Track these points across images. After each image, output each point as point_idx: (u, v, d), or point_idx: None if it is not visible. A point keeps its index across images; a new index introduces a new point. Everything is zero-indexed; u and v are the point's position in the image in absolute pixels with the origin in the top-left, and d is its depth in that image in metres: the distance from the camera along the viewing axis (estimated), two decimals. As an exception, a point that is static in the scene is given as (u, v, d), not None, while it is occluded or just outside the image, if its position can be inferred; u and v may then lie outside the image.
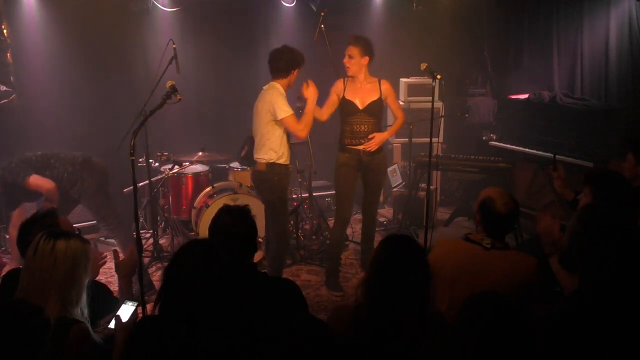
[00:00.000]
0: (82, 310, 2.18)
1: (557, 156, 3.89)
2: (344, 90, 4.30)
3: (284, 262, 4.48)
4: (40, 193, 4.23)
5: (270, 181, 4.09)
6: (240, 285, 2.25)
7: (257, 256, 4.80)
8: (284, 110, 3.92)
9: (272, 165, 4.07)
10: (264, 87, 4.12)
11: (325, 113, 4.33)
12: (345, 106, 4.30)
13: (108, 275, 4.80)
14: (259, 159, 4.11)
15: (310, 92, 4.08)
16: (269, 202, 4.19)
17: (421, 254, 2.14)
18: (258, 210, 4.73)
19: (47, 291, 2.08)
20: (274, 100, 3.94)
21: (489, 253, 2.47)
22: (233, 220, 2.30)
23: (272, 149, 4.04)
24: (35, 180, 4.16)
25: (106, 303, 2.48)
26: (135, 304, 2.33)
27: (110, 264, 4.94)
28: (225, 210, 2.35)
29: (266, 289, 2.29)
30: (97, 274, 2.68)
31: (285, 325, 1.68)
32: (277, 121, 3.98)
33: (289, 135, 4.15)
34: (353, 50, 4.20)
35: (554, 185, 3.70)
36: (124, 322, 2.21)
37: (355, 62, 4.21)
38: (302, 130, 4.00)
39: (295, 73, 4.10)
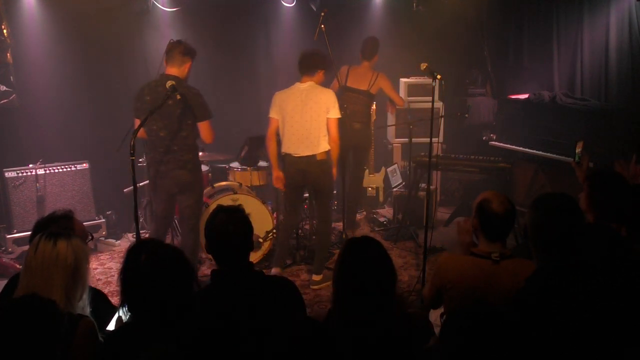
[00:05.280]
0: (84, 309, 2.20)
1: (557, 155, 3.86)
2: None
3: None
4: None
5: (330, 167, 4.48)
6: (236, 285, 2.26)
7: (256, 256, 4.82)
8: (337, 112, 4.35)
9: (328, 154, 4.41)
10: (305, 85, 4.32)
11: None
12: None
13: (108, 275, 4.82)
14: (317, 150, 4.33)
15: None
16: (328, 187, 4.55)
17: (384, 253, 2.13)
18: (255, 209, 4.76)
19: (50, 289, 2.07)
20: (333, 100, 4.32)
21: (498, 266, 2.44)
22: (228, 220, 2.29)
23: (326, 139, 4.37)
24: None
25: (104, 307, 2.50)
26: None
27: (110, 264, 5.03)
28: (219, 210, 2.34)
29: (263, 289, 2.29)
30: None
31: (282, 325, 1.68)
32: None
33: None
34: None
35: (578, 178, 3.61)
36: None
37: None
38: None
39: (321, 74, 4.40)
